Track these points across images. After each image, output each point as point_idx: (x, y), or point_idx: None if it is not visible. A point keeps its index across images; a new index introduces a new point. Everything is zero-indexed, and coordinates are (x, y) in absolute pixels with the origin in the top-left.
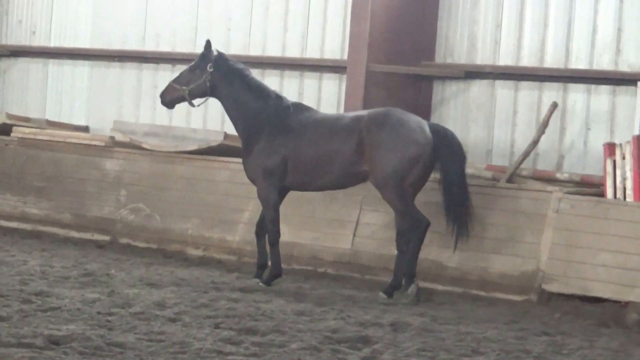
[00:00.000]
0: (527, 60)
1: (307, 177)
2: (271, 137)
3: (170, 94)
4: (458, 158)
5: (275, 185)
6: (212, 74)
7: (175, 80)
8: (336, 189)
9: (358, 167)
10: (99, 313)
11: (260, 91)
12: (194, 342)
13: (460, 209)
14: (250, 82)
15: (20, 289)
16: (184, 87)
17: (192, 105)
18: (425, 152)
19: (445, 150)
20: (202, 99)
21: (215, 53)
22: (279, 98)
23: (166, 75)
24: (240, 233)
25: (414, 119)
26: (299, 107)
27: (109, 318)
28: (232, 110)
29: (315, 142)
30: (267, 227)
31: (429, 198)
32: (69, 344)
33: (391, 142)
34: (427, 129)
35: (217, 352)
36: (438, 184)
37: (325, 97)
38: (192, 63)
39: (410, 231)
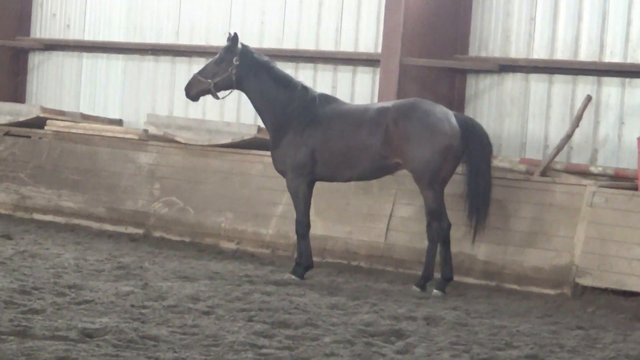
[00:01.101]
0: (561, 54)
1: (335, 169)
2: (299, 129)
3: (195, 87)
4: (486, 149)
5: (304, 177)
6: (237, 67)
7: (201, 73)
8: (365, 180)
9: (387, 160)
10: (132, 306)
11: (287, 83)
12: (227, 335)
13: (483, 201)
14: (276, 74)
15: (55, 282)
16: (209, 80)
17: (217, 97)
18: (454, 143)
19: (473, 142)
20: (227, 92)
21: (240, 46)
22: (305, 89)
23: (200, 68)
24: (274, 226)
25: (440, 110)
26: (326, 99)
27: (143, 311)
28: (259, 103)
29: (343, 134)
30: (297, 219)
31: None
32: (103, 336)
33: (419, 134)
34: (453, 119)
35: (251, 345)
36: (462, 175)
37: (359, 90)
38: (217, 56)
39: (437, 231)
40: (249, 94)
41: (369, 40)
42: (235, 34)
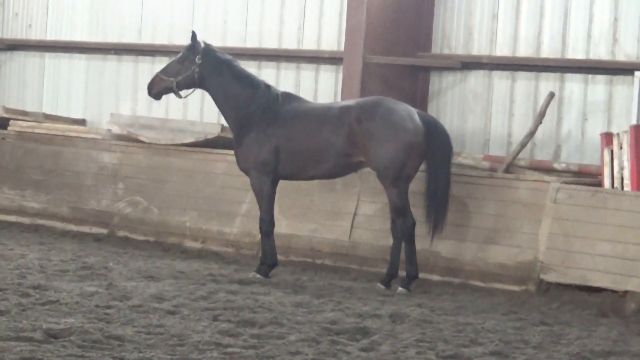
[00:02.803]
0: (524, 51)
1: (299, 167)
2: (262, 127)
3: (157, 85)
4: (447, 148)
5: (268, 175)
6: (200, 66)
7: (163, 72)
8: (329, 178)
9: (350, 158)
10: (97, 306)
11: (250, 81)
12: (193, 334)
13: (442, 200)
14: (238, 72)
15: (19, 283)
16: (172, 79)
17: (180, 96)
18: (417, 140)
19: (435, 140)
20: (190, 91)
21: (202, 45)
22: (267, 88)
23: (162, 67)
24: (238, 225)
25: (404, 108)
26: (288, 97)
27: (108, 311)
28: (222, 101)
29: (307, 132)
30: (261, 217)
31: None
32: (68, 337)
33: (383, 132)
34: (417, 117)
35: (216, 344)
36: (423, 173)
37: (322, 88)
38: (179, 54)
39: (401, 229)
40: (212, 93)
41: (332, 38)
42: (194, 33)
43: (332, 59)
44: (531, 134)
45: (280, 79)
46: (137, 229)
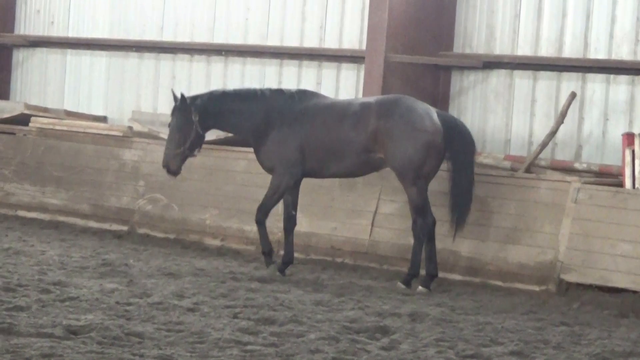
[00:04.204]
0: (546, 50)
1: (321, 163)
2: (283, 127)
3: (174, 163)
4: (469, 147)
5: (293, 173)
6: (199, 121)
7: (171, 147)
8: (351, 176)
9: (371, 154)
10: (117, 303)
11: (251, 94)
12: (213, 332)
13: (465, 199)
14: (235, 95)
15: (39, 279)
16: (182, 148)
17: (195, 156)
18: (435, 140)
19: (456, 139)
20: (200, 147)
21: (189, 101)
22: (276, 91)
23: (184, 65)
24: None
25: (422, 107)
26: (304, 94)
27: (128, 308)
28: (234, 128)
29: (328, 128)
30: (264, 207)
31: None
32: (88, 333)
33: (401, 131)
34: (435, 116)
35: (236, 341)
36: (446, 173)
37: (343, 87)
38: (171, 123)
39: (421, 227)
40: (223, 128)
41: (354, 37)
42: (182, 95)
43: (353, 58)
44: (552, 133)
45: (301, 77)
46: (157, 226)
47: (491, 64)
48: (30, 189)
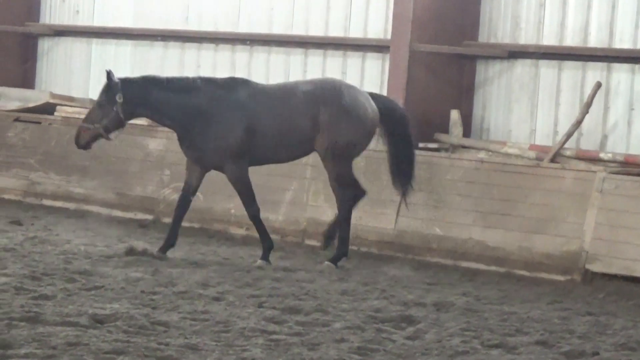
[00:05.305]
0: (571, 40)
1: (268, 152)
2: (225, 120)
3: (83, 136)
4: (405, 127)
5: (245, 163)
6: (123, 104)
7: (86, 120)
8: (288, 162)
9: (314, 141)
10: (142, 292)
11: (183, 83)
12: (238, 321)
13: (406, 177)
14: (168, 82)
15: (65, 268)
16: (97, 125)
17: (109, 139)
18: (375, 125)
19: (392, 121)
20: (118, 131)
21: (118, 81)
22: (207, 81)
23: (209, 54)
24: (283, 212)
25: (361, 93)
26: (237, 82)
27: (153, 297)
28: (162, 117)
29: (274, 118)
30: (246, 203)
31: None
32: (114, 322)
33: (347, 119)
34: (373, 102)
35: (261, 331)
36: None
37: (368, 77)
38: (98, 99)
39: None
40: (152, 117)
41: (379, 26)
42: (109, 72)
43: (378, 47)
44: (577, 123)
45: (326, 67)
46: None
47: (516, 53)
48: (55, 178)
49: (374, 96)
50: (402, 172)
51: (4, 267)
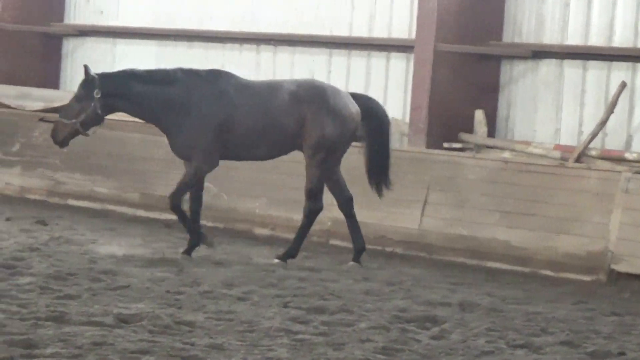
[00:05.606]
0: (596, 40)
1: (246, 148)
2: (200, 112)
3: (61, 132)
4: (385, 127)
5: (212, 161)
6: (101, 99)
7: (63, 115)
8: (268, 159)
9: (297, 140)
10: (167, 292)
11: (164, 77)
12: (263, 321)
13: (382, 176)
14: (147, 75)
15: (89, 268)
16: (74, 121)
17: (87, 135)
18: (357, 125)
19: (372, 120)
20: (96, 127)
21: (95, 76)
22: (188, 73)
23: (233, 54)
24: None
25: (343, 93)
26: (220, 75)
27: (178, 297)
28: (142, 111)
29: (254, 114)
30: (178, 192)
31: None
32: (139, 322)
33: (330, 118)
34: (354, 102)
35: (286, 330)
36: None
37: (392, 77)
38: (75, 94)
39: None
40: (131, 113)
41: (403, 26)
42: (86, 66)
43: (403, 47)
44: (602, 123)
45: (351, 67)
46: (206, 215)
47: (541, 53)
48: (79, 178)
49: (355, 96)
50: (379, 171)
51: (30, 267)
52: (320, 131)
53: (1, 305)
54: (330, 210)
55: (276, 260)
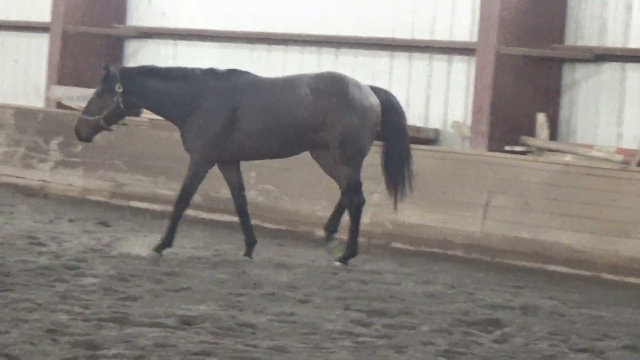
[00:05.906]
0: None
1: (258, 145)
2: (209, 109)
3: (84, 128)
4: (401, 124)
5: (212, 159)
6: (123, 93)
7: (85, 112)
8: (283, 157)
9: (317, 135)
10: (229, 294)
11: (183, 75)
12: (325, 323)
13: (401, 174)
14: (167, 72)
15: (152, 269)
16: (97, 117)
17: (110, 130)
18: (379, 118)
19: (391, 114)
20: (120, 122)
21: (116, 72)
22: (207, 71)
23: (295, 57)
24: (370, 215)
25: (363, 85)
26: (235, 73)
27: (240, 299)
28: (161, 108)
29: (268, 109)
30: (185, 196)
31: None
32: (201, 324)
33: (352, 111)
34: (373, 94)
35: (348, 333)
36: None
37: (454, 80)
38: (97, 89)
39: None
40: (152, 109)
41: (465, 29)
42: (106, 64)
43: (465, 50)
44: None
45: (412, 70)
46: (268, 217)
47: (603, 56)
48: (142, 180)
49: (374, 89)
50: (395, 171)
51: (92, 268)
52: (342, 124)
53: (65, 306)
54: (391, 212)
55: (337, 264)
